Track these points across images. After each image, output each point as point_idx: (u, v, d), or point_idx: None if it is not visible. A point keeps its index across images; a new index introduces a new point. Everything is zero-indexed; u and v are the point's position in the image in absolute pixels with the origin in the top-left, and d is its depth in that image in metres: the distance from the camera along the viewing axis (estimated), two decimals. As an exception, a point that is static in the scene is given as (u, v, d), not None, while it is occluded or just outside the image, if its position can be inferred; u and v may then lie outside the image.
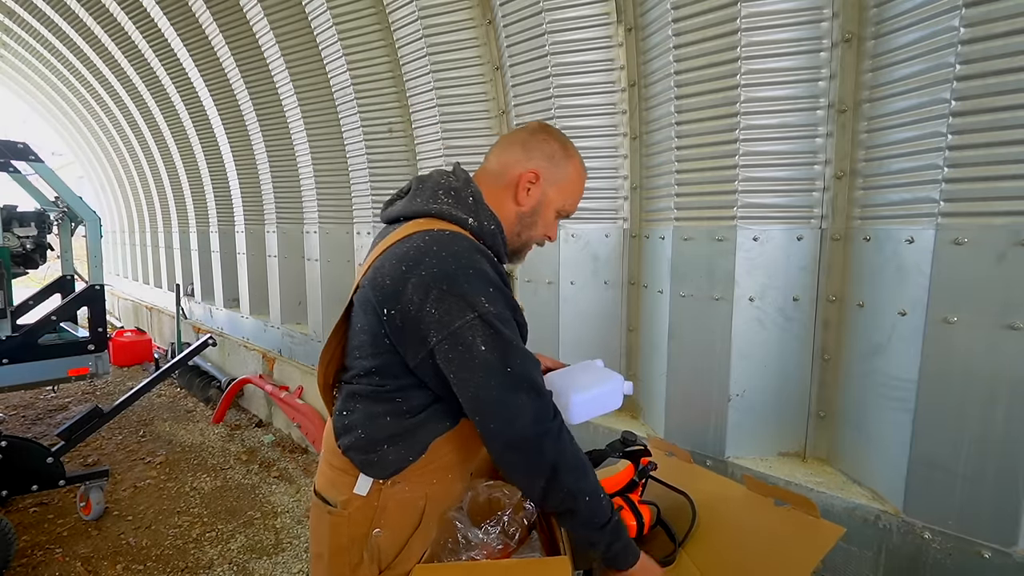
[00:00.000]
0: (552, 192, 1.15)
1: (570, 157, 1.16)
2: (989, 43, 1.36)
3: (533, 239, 1.18)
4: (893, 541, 1.60)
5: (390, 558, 1.07)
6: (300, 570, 2.63)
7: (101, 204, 9.54)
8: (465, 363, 0.95)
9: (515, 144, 1.15)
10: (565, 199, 1.17)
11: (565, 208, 1.18)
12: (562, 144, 1.16)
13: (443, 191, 1.08)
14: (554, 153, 1.14)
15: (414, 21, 2.87)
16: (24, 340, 3.20)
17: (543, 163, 1.13)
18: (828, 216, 1.85)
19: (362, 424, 1.08)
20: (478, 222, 1.07)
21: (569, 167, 1.15)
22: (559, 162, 1.14)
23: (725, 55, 1.85)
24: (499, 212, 1.12)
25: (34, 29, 6.41)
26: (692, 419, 2.11)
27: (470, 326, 0.94)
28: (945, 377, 1.49)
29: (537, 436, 0.96)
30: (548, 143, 1.14)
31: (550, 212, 1.16)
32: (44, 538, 2.88)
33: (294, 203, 4.37)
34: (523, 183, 1.12)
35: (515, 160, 1.13)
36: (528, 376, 0.98)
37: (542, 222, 1.17)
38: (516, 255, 1.20)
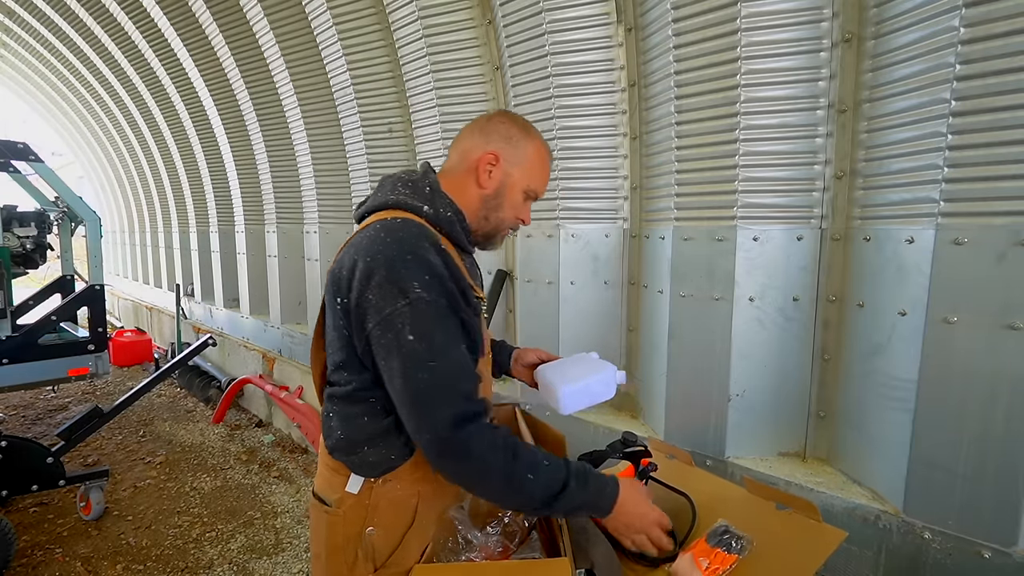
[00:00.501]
0: (515, 172, 1.14)
1: (529, 137, 1.15)
2: (989, 43, 1.36)
3: (504, 222, 1.17)
4: (893, 541, 1.60)
5: (384, 556, 1.07)
6: (300, 570, 2.63)
7: (101, 204, 9.54)
8: (392, 351, 0.94)
9: (473, 131, 1.16)
10: (530, 179, 1.16)
11: (532, 189, 1.17)
12: (521, 126, 1.15)
13: (401, 183, 1.11)
14: (512, 134, 1.13)
15: (414, 21, 2.87)
16: (24, 340, 3.20)
17: (501, 144, 1.13)
18: (828, 216, 1.85)
19: (340, 426, 1.08)
20: (433, 209, 1.07)
21: (529, 147, 1.14)
22: (518, 142, 1.13)
23: (725, 55, 1.85)
24: (463, 198, 1.12)
25: (34, 29, 6.41)
26: (692, 419, 2.11)
27: (400, 313, 0.93)
28: (945, 377, 1.49)
29: (461, 438, 0.94)
30: (505, 125, 1.14)
31: (516, 193, 1.15)
32: (44, 538, 2.88)
33: (294, 203, 4.37)
34: (483, 165, 1.12)
35: (474, 145, 1.14)
36: (453, 371, 0.96)
37: (508, 204, 1.15)
38: (488, 240, 1.19)
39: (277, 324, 4.61)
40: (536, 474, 0.96)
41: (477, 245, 1.19)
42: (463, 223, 1.11)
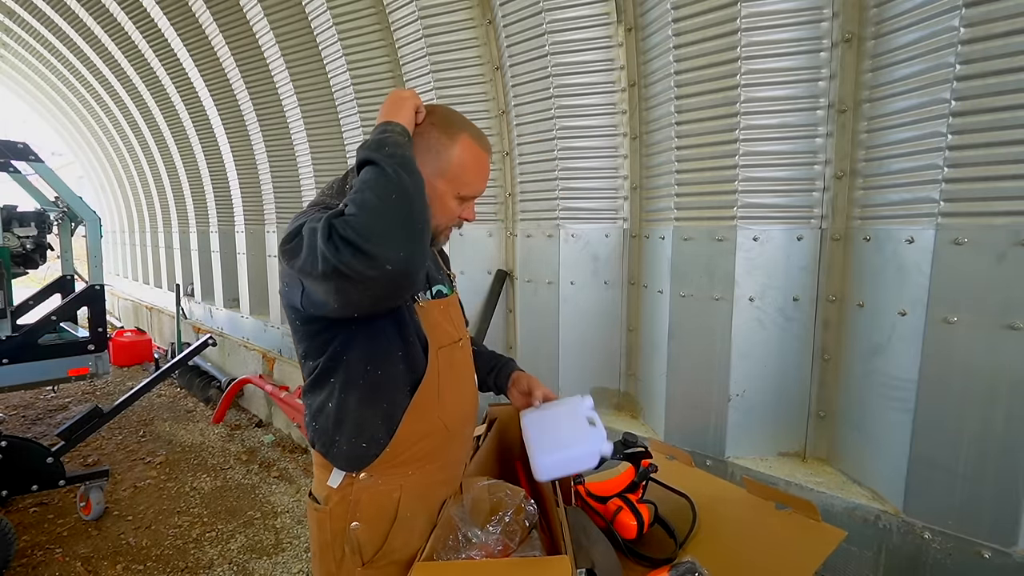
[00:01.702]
0: (440, 184, 1.07)
1: (454, 141, 1.07)
2: (989, 43, 1.36)
3: (441, 226, 1.12)
4: (893, 541, 1.60)
5: (371, 552, 1.08)
6: (300, 570, 2.63)
7: (101, 204, 9.54)
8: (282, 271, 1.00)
9: None
10: (459, 186, 1.09)
11: (464, 193, 1.11)
12: (443, 129, 1.07)
13: (328, 185, 1.12)
14: (432, 144, 1.07)
15: (414, 21, 2.87)
16: (24, 340, 3.20)
17: (423, 157, 1.05)
18: (828, 216, 1.85)
19: (313, 416, 1.12)
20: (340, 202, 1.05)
21: (453, 151, 1.07)
22: (440, 152, 1.07)
23: (725, 55, 1.85)
24: None
25: (34, 29, 6.41)
26: (692, 419, 2.11)
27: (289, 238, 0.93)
28: (945, 377, 1.49)
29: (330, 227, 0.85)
30: (426, 134, 1.06)
31: (446, 202, 1.10)
32: (44, 538, 2.88)
33: (294, 203, 4.37)
34: None
35: None
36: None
37: (440, 212, 1.10)
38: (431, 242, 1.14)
39: (277, 324, 4.61)
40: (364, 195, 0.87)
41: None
42: None
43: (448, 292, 1.23)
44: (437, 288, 1.19)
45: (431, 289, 1.17)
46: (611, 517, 1.30)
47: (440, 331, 1.13)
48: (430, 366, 1.10)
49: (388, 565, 1.08)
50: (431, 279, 1.18)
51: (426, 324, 1.10)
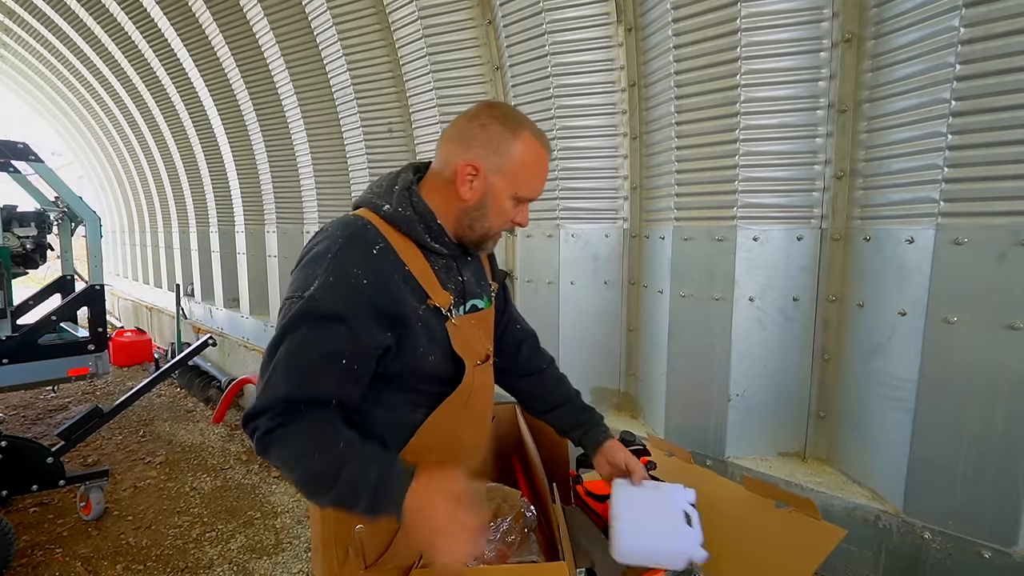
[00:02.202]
0: (498, 181, 1.04)
1: (516, 137, 1.03)
2: (989, 43, 1.36)
3: (492, 229, 1.09)
4: (893, 541, 1.60)
5: (373, 556, 1.07)
6: (300, 570, 2.63)
7: (101, 204, 9.54)
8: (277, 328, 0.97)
9: (455, 134, 1.08)
10: (517, 185, 1.05)
11: (521, 194, 1.06)
12: (506, 124, 1.04)
13: (377, 183, 1.09)
14: (493, 138, 1.03)
15: (414, 21, 2.87)
16: (24, 340, 3.20)
17: (482, 151, 1.03)
18: (828, 216, 1.85)
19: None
20: (392, 207, 1.03)
21: (515, 149, 1.03)
22: (500, 147, 1.03)
23: (725, 55, 1.85)
24: (444, 204, 1.06)
25: (34, 29, 6.41)
26: (692, 419, 2.11)
27: (290, 302, 0.96)
28: (945, 377, 1.49)
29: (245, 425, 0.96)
30: (488, 128, 1.03)
31: (502, 201, 1.06)
32: (44, 538, 2.88)
33: (294, 203, 4.37)
34: (462, 177, 1.04)
35: (455, 151, 1.06)
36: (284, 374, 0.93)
37: (494, 213, 1.06)
38: (479, 246, 1.12)
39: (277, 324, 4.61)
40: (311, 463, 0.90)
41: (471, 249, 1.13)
42: (429, 223, 1.05)
43: (484, 305, 1.18)
44: (472, 303, 1.14)
45: (465, 304, 1.12)
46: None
47: (470, 350, 1.10)
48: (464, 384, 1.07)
49: (392, 570, 1.07)
50: (468, 292, 1.13)
51: (459, 341, 1.07)
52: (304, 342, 0.94)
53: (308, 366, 0.94)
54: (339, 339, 0.94)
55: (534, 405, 1.39)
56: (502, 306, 1.35)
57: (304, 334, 0.94)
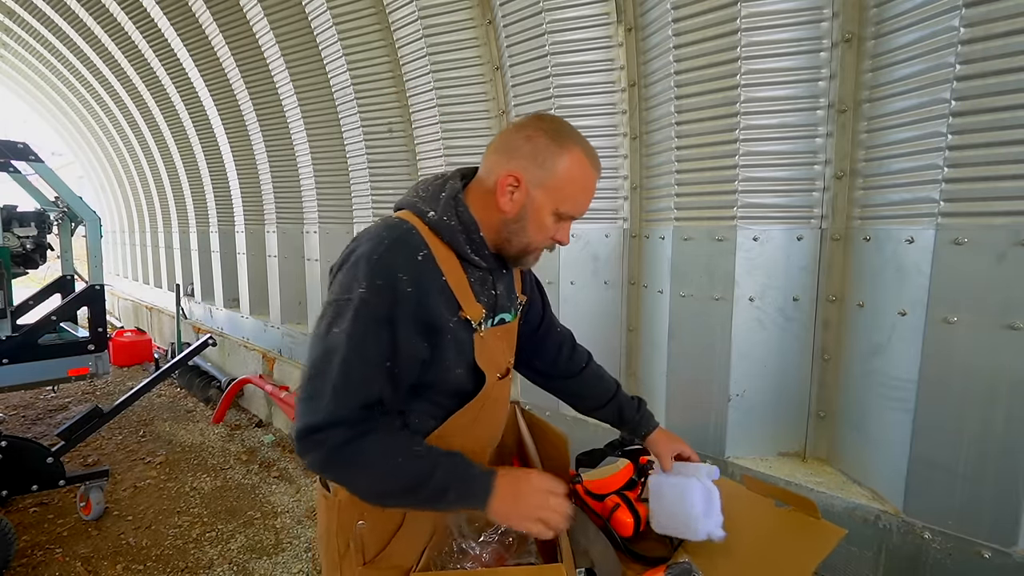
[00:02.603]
0: (539, 195, 1.02)
1: (563, 151, 1.01)
2: (989, 43, 1.36)
3: (531, 245, 1.07)
4: (893, 541, 1.60)
5: (372, 552, 1.07)
6: (300, 570, 2.63)
7: (101, 204, 9.54)
8: (317, 335, 0.95)
9: (501, 144, 1.06)
10: (559, 200, 1.03)
11: (564, 211, 1.04)
12: (552, 138, 1.01)
13: (423, 187, 1.08)
14: (539, 151, 1.01)
15: (414, 21, 2.87)
16: (24, 340, 3.20)
17: (526, 163, 1.01)
18: (828, 216, 1.85)
19: None
20: (437, 215, 1.02)
21: (559, 164, 1.01)
22: (545, 160, 1.01)
23: (725, 55, 1.85)
24: (485, 215, 1.05)
25: (34, 29, 6.41)
26: (692, 419, 2.11)
27: (335, 304, 0.95)
28: (945, 377, 1.49)
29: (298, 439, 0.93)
30: (533, 140, 1.01)
31: (542, 216, 1.04)
32: (44, 538, 2.88)
33: (294, 203, 4.37)
34: (502, 188, 1.02)
35: (498, 162, 1.04)
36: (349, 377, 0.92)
37: (533, 228, 1.04)
38: (517, 261, 1.11)
39: (277, 324, 4.61)
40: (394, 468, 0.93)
41: (510, 263, 1.12)
42: (472, 234, 1.04)
43: (511, 319, 1.18)
44: (501, 317, 1.14)
45: (495, 317, 1.12)
46: (608, 515, 1.30)
47: (493, 363, 1.10)
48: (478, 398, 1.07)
49: (388, 569, 1.07)
50: (499, 306, 1.12)
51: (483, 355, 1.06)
52: (359, 346, 0.92)
53: (366, 372, 0.93)
54: (388, 342, 0.94)
55: (579, 404, 1.42)
56: (540, 312, 1.36)
57: (358, 338, 0.92)
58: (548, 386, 1.43)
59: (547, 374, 1.40)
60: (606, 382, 1.40)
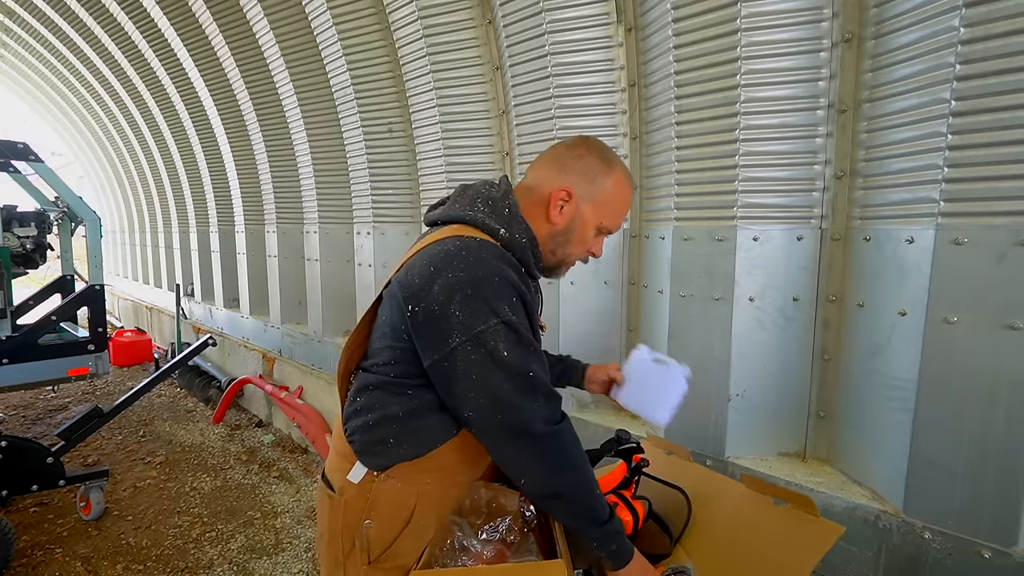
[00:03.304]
0: (588, 209, 1.11)
1: (610, 172, 1.11)
2: (989, 43, 1.36)
3: (571, 256, 1.16)
4: (893, 541, 1.60)
5: (378, 551, 1.08)
6: (300, 570, 2.63)
7: (101, 204, 9.54)
8: (486, 365, 0.97)
9: (552, 159, 1.14)
10: (603, 216, 1.13)
11: (605, 225, 1.14)
12: (601, 158, 1.11)
13: (481, 200, 1.09)
14: (590, 169, 1.10)
15: (414, 21, 2.87)
16: (24, 340, 3.20)
17: (577, 179, 1.10)
18: (828, 216, 1.85)
19: (371, 410, 1.10)
20: (510, 233, 1.06)
21: (607, 183, 1.11)
22: (595, 178, 1.10)
23: (725, 55, 1.85)
24: (536, 228, 1.11)
25: (34, 29, 6.41)
26: (692, 419, 2.11)
27: (493, 331, 0.96)
28: (945, 377, 1.48)
29: (545, 435, 1.00)
30: (584, 158, 1.11)
31: (587, 230, 1.13)
32: (44, 538, 2.88)
33: (294, 203, 4.37)
34: (555, 201, 1.10)
35: (549, 176, 1.12)
36: (544, 380, 1.01)
37: (577, 240, 1.14)
38: (552, 272, 1.19)
39: (277, 324, 4.61)
40: (591, 497, 1.04)
41: (543, 273, 1.18)
42: (536, 250, 1.10)
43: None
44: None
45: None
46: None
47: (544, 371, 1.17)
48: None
49: (393, 568, 1.08)
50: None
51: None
52: (536, 354, 1.01)
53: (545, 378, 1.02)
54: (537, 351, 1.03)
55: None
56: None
57: (531, 346, 1.00)
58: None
59: None
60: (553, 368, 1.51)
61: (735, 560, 1.17)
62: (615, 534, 1.05)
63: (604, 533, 1.03)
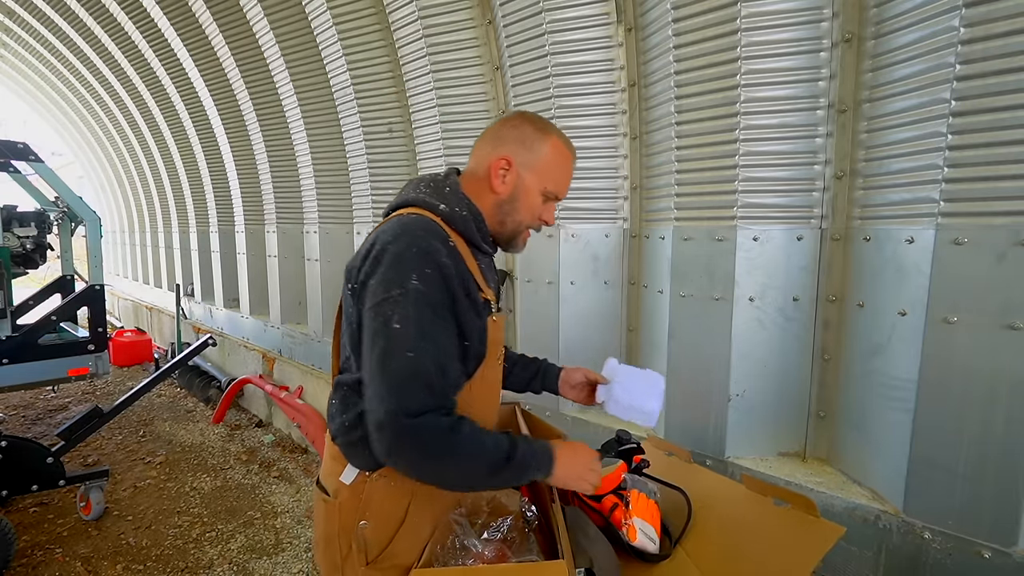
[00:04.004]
0: (529, 176, 1.13)
1: (545, 137, 1.13)
2: (989, 43, 1.36)
3: (522, 224, 1.17)
4: (893, 541, 1.60)
5: (375, 552, 1.08)
6: (300, 570, 2.63)
7: (101, 204, 9.54)
8: (377, 335, 0.97)
9: (488, 136, 1.17)
10: (546, 180, 1.14)
11: (551, 190, 1.16)
12: (537, 126, 1.14)
13: (424, 183, 1.14)
14: (526, 137, 1.13)
15: (414, 21, 2.87)
16: (24, 340, 3.20)
17: (514, 147, 1.12)
18: (828, 216, 1.85)
19: (346, 410, 1.11)
20: (448, 207, 1.09)
21: (544, 147, 1.13)
22: (532, 144, 1.13)
23: (725, 55, 1.85)
24: (481, 202, 1.14)
25: (34, 29, 6.41)
26: (692, 419, 2.11)
27: (394, 300, 0.96)
28: (945, 377, 1.48)
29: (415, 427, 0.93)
30: (519, 127, 1.14)
31: (532, 196, 1.15)
32: (44, 538, 2.88)
33: (294, 203, 4.37)
34: (495, 171, 1.12)
35: (487, 151, 1.15)
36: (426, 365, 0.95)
37: (524, 207, 1.15)
38: (509, 243, 1.20)
39: (277, 324, 4.61)
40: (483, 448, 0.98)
41: (501, 247, 1.20)
42: (480, 223, 1.12)
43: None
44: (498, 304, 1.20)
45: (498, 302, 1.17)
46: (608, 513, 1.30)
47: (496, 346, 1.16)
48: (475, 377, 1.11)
49: (391, 568, 1.08)
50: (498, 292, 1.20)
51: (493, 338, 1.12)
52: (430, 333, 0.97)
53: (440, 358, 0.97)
54: (453, 325, 1.00)
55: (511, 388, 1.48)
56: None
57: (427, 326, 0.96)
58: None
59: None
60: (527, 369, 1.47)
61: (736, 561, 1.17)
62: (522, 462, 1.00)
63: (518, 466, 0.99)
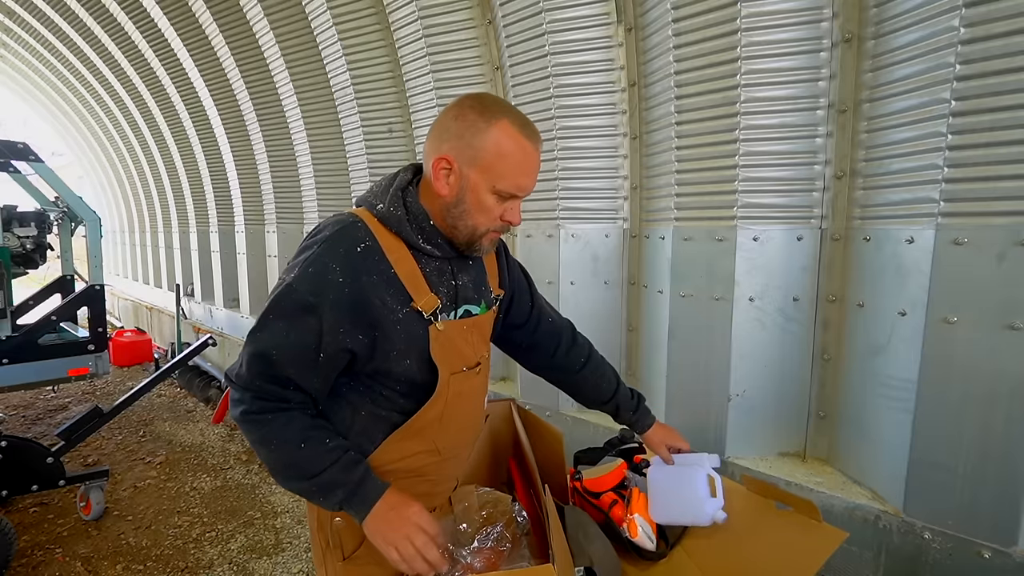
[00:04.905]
0: (473, 175, 0.97)
1: (490, 126, 0.95)
2: (989, 43, 1.36)
3: (477, 228, 1.02)
4: (893, 541, 1.60)
5: (350, 548, 1.09)
6: (300, 570, 2.63)
7: (101, 204, 9.53)
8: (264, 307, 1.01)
9: (433, 129, 1.02)
10: (494, 179, 0.97)
11: (501, 188, 0.98)
12: (480, 113, 0.96)
13: (376, 184, 1.09)
14: (466, 130, 0.96)
15: (414, 21, 2.87)
16: (24, 340, 3.20)
17: (454, 143, 0.97)
18: (828, 216, 1.85)
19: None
20: (385, 207, 1.02)
21: (487, 138, 0.95)
22: (473, 138, 0.96)
23: (725, 55, 1.85)
24: (432, 205, 1.03)
25: (34, 29, 6.41)
26: (692, 419, 2.11)
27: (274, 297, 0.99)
28: (945, 377, 1.48)
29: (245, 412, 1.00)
30: (462, 118, 0.97)
31: (481, 197, 0.98)
32: (44, 538, 2.87)
33: (294, 203, 4.37)
34: (436, 172, 0.99)
35: (430, 148, 1.01)
36: (266, 358, 0.97)
37: (475, 209, 0.99)
38: (470, 247, 1.06)
39: (277, 324, 4.61)
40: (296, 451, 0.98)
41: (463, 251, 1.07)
42: (422, 223, 1.02)
43: (480, 311, 1.14)
44: (465, 308, 1.10)
45: (458, 308, 1.09)
46: (607, 509, 1.30)
47: (455, 355, 1.07)
48: (438, 393, 1.05)
49: (368, 565, 1.08)
50: (462, 297, 1.09)
51: (440, 347, 1.04)
52: (282, 329, 0.97)
53: (284, 353, 0.97)
54: (311, 330, 0.96)
55: (579, 398, 1.44)
56: (528, 307, 1.35)
57: (282, 321, 0.97)
58: (548, 378, 1.43)
59: (545, 367, 1.40)
60: (606, 379, 1.39)
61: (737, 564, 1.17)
62: (332, 484, 0.97)
63: (323, 485, 0.97)
